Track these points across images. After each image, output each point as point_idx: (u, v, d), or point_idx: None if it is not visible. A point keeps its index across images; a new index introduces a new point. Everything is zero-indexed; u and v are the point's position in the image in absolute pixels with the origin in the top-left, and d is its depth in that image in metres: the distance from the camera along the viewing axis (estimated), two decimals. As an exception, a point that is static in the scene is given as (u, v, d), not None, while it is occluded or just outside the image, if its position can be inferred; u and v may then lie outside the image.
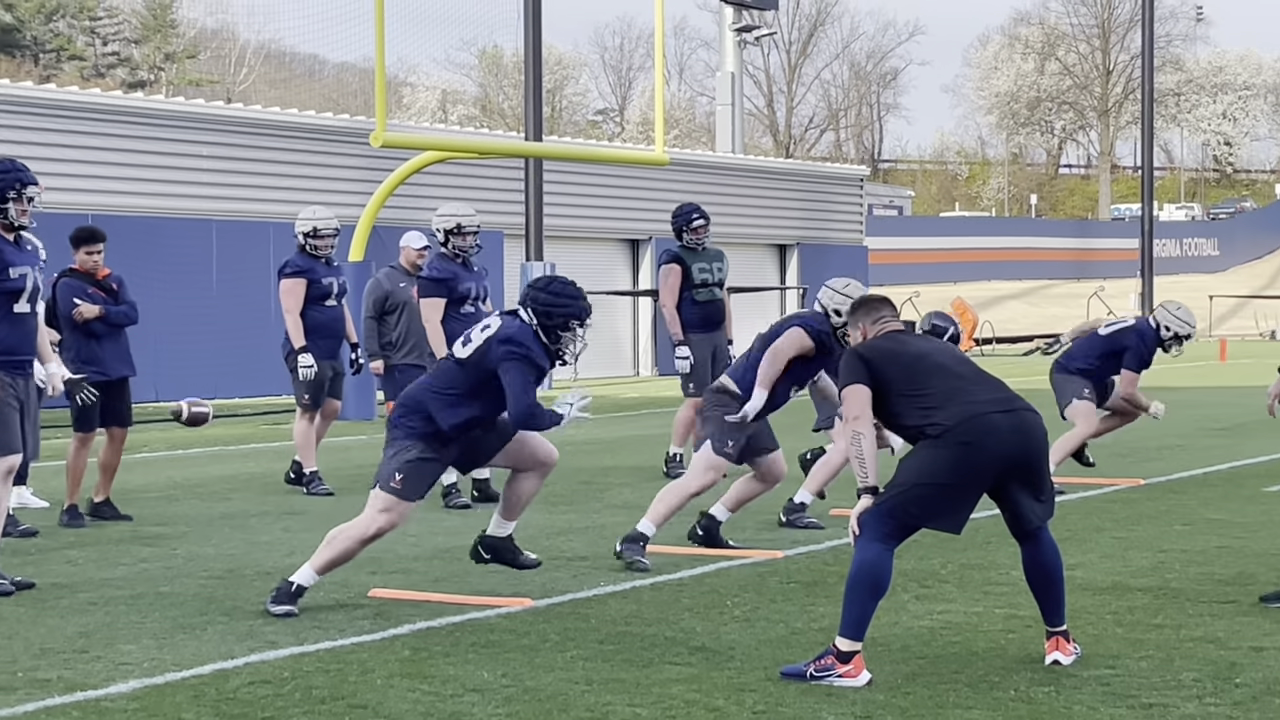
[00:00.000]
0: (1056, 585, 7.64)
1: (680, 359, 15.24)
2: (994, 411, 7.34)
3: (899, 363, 7.51)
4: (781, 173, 44.54)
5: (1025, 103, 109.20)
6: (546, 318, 9.05)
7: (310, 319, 14.40)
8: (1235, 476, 15.16)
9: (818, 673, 7.16)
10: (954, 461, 7.27)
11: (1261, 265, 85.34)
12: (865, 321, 7.83)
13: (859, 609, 7.21)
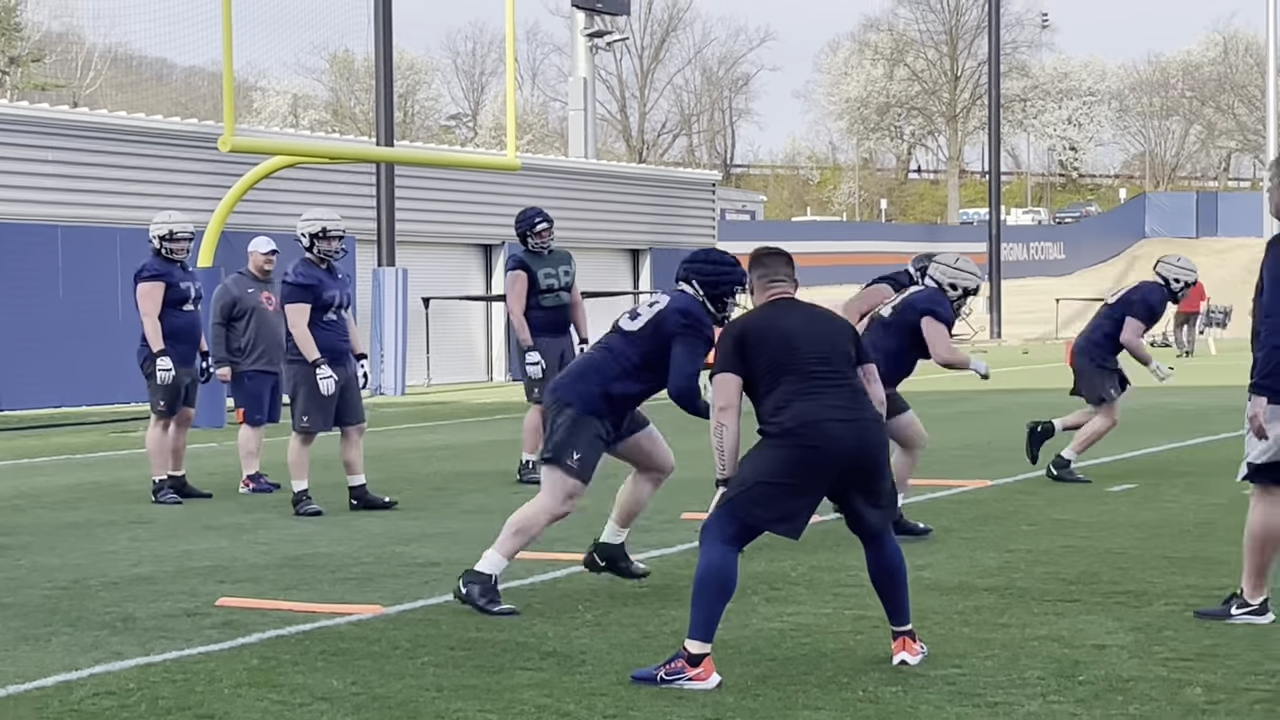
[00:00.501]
0: (900, 586, 7.71)
1: (530, 365, 15.22)
2: (834, 420, 7.38)
3: (768, 346, 7.54)
4: (634, 178, 44.66)
5: (875, 108, 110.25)
6: (713, 288, 9.22)
7: (167, 324, 14.22)
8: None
9: (668, 676, 7.17)
10: (791, 463, 7.34)
11: (1107, 268, 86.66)
12: (755, 277, 7.88)
13: (706, 611, 7.23)
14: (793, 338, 7.58)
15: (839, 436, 7.37)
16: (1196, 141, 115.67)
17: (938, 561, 10.56)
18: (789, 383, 7.46)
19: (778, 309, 7.76)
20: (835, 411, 7.42)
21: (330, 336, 13.54)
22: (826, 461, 7.36)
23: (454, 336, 37.22)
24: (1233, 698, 6.86)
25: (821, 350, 7.59)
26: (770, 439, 7.41)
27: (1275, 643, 7.92)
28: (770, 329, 7.61)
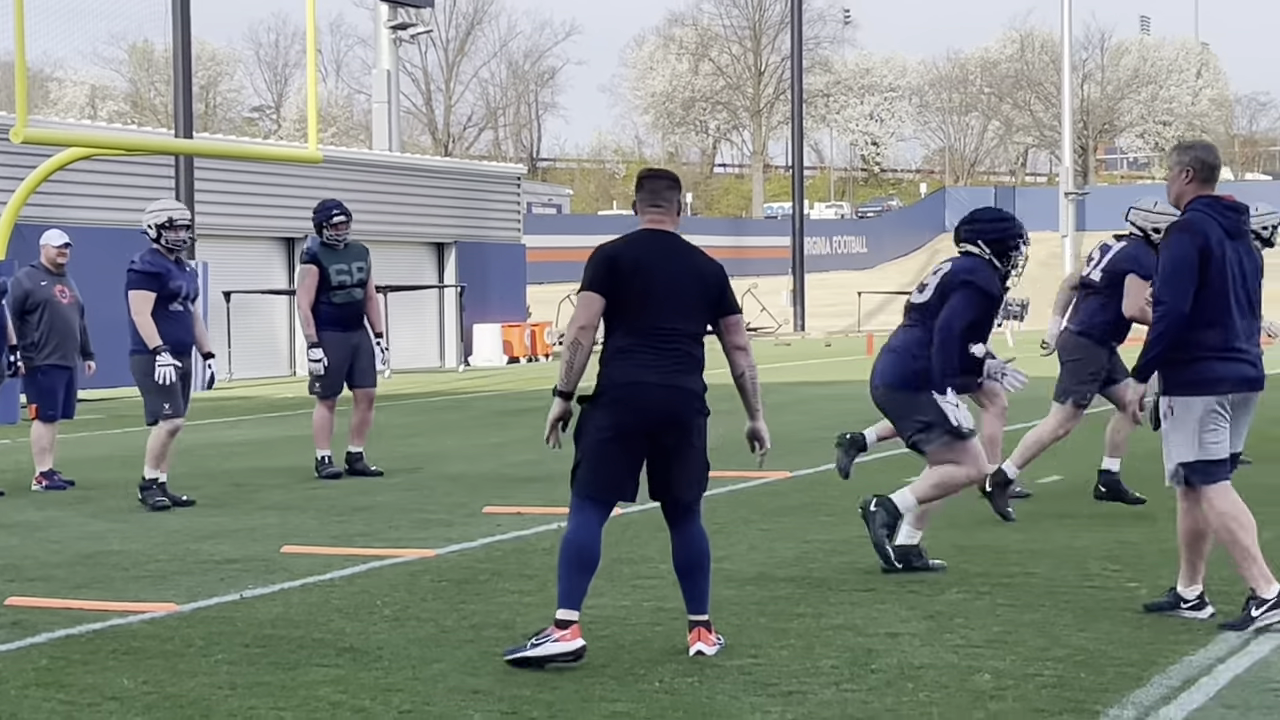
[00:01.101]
0: (702, 575, 7.79)
1: (313, 361, 15.11)
2: (654, 382, 7.52)
3: (629, 285, 7.57)
4: (439, 171, 44.45)
5: (680, 103, 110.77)
6: (999, 244, 9.81)
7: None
8: (878, 468, 15.53)
9: (537, 640, 7.39)
10: (607, 426, 7.51)
11: (908, 262, 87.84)
12: (637, 199, 7.91)
13: (566, 581, 7.46)
14: (651, 283, 7.59)
15: (652, 400, 7.52)
16: (995, 137, 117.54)
17: (737, 553, 10.64)
18: (624, 335, 7.56)
19: (650, 242, 7.75)
20: (654, 374, 7.54)
21: (175, 328, 13.35)
22: (638, 425, 7.51)
23: (256, 330, 36.80)
24: (1020, 683, 6.99)
25: (674, 302, 7.62)
26: (593, 398, 7.55)
27: (1062, 630, 8.08)
28: (637, 266, 7.61)
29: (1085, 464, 15.44)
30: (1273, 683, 6.96)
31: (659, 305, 7.58)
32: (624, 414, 7.51)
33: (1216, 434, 8.11)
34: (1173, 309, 7.96)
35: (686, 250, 7.78)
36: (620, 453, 7.55)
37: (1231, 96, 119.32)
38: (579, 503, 7.60)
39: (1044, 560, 10.13)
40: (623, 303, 7.57)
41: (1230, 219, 8.18)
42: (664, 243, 7.75)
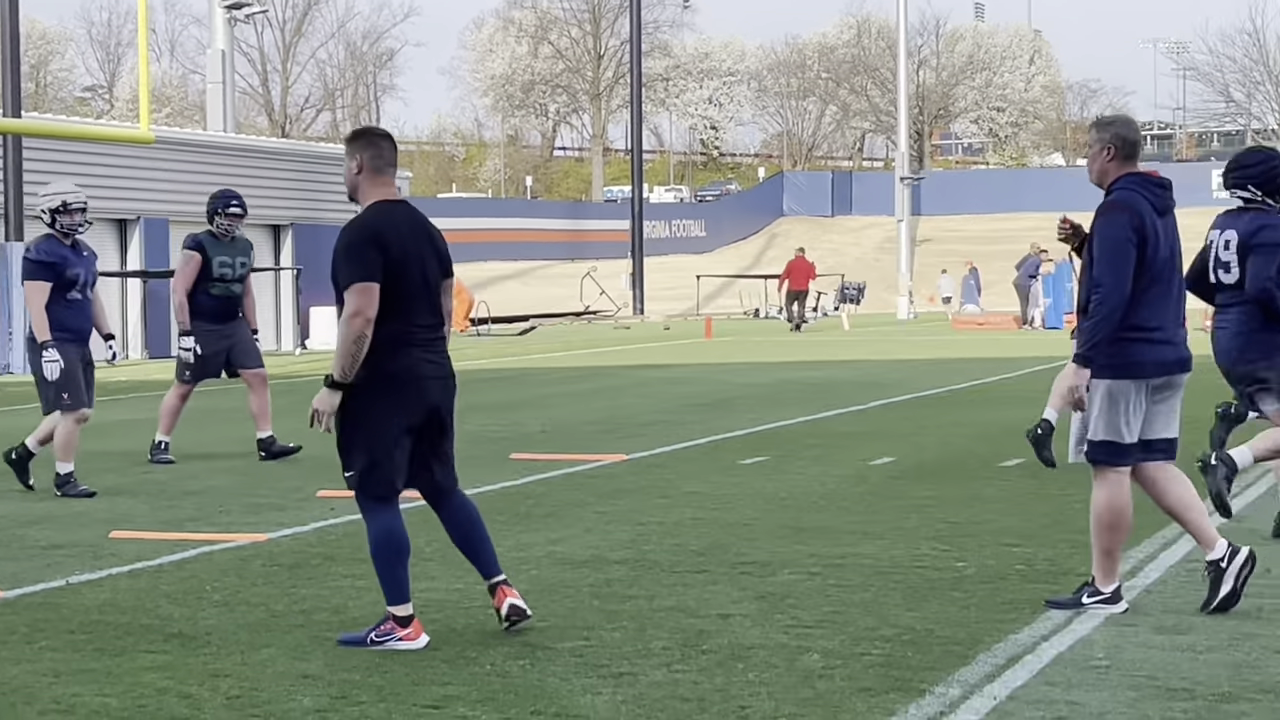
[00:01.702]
0: (484, 535, 7.81)
1: (184, 349, 14.88)
2: (428, 376, 7.50)
3: (393, 266, 7.38)
4: (275, 152, 44.02)
5: (520, 85, 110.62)
6: (1270, 182, 9.67)
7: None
8: (714, 450, 15.66)
9: (379, 637, 7.34)
10: (387, 412, 7.39)
11: (746, 245, 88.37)
12: (367, 159, 7.60)
13: (389, 575, 7.44)
14: (407, 261, 7.44)
15: (428, 389, 7.49)
16: (832, 122, 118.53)
17: (571, 535, 10.65)
18: (395, 320, 7.38)
19: (398, 215, 7.54)
20: (429, 366, 7.50)
21: (73, 316, 13.01)
22: (414, 412, 7.45)
23: (88, 313, 36.23)
24: (848, 663, 7.06)
25: (427, 277, 7.51)
26: (363, 382, 7.34)
27: (891, 610, 8.18)
28: (396, 243, 7.41)
29: (915, 445, 15.65)
30: (1094, 660, 7.09)
31: (415, 286, 7.46)
32: (408, 404, 7.42)
33: (1130, 418, 7.89)
34: (1114, 291, 7.71)
35: (418, 219, 7.64)
36: (407, 443, 7.50)
37: (1063, 83, 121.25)
38: (379, 502, 7.50)
39: (874, 541, 10.24)
40: (391, 287, 7.38)
41: (1159, 196, 7.97)
42: (407, 214, 7.60)
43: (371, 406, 7.39)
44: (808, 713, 6.29)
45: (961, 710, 6.32)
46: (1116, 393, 7.88)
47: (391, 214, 7.52)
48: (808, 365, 29.13)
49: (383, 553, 7.48)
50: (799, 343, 39.11)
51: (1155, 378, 7.92)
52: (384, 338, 7.37)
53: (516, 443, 15.63)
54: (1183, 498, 8.10)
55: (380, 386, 7.38)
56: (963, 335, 42.16)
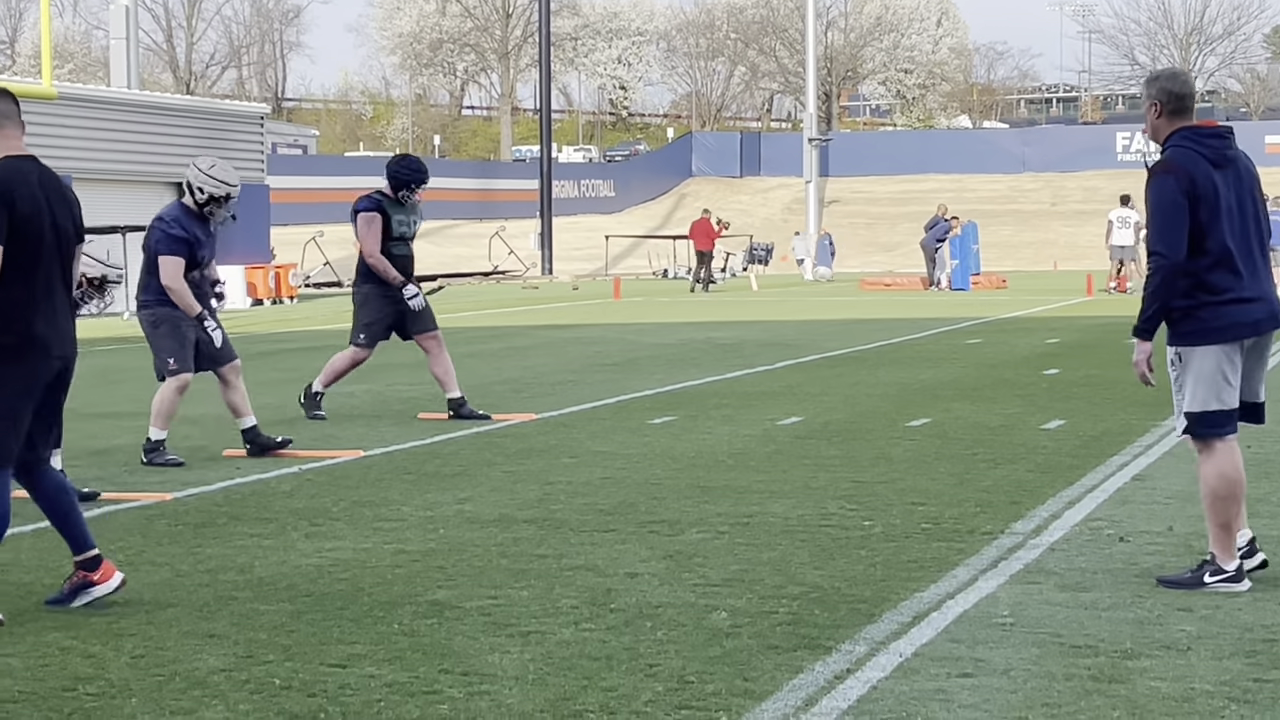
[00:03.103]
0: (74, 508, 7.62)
1: (410, 299, 14.56)
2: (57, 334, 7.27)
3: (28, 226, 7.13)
4: (179, 109, 43.62)
5: (428, 44, 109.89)
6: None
7: None
8: (623, 410, 15.66)
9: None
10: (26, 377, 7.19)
11: (655, 206, 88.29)
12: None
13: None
14: (40, 217, 7.15)
15: (56, 355, 7.28)
16: (741, 83, 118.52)
17: (479, 494, 10.63)
18: (27, 285, 7.11)
19: (28, 169, 7.26)
20: (57, 325, 7.27)
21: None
22: (43, 378, 7.26)
23: None
24: (755, 621, 7.09)
25: (59, 238, 7.26)
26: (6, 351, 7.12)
27: (798, 568, 8.21)
28: (28, 200, 7.14)
29: (823, 405, 15.71)
30: (998, 617, 7.14)
31: (39, 246, 7.18)
32: (38, 370, 7.20)
33: (1226, 383, 7.54)
34: (1168, 259, 7.43)
35: (50, 176, 7.38)
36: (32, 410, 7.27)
37: (971, 46, 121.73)
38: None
39: (782, 500, 10.27)
40: (25, 246, 7.11)
41: (1213, 148, 7.60)
42: (39, 170, 7.32)
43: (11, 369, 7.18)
44: (715, 670, 6.31)
45: (868, 667, 6.36)
46: (1205, 360, 7.55)
47: (19, 168, 7.26)
48: (716, 325, 29.16)
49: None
50: (707, 303, 39.18)
51: (1244, 338, 7.60)
52: (15, 299, 7.13)
53: (424, 403, 15.57)
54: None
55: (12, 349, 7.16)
56: (870, 296, 42.33)
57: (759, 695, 6.00)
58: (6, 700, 5.94)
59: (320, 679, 6.22)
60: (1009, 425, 13.98)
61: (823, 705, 5.89)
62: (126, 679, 6.23)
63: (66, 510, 7.51)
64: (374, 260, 14.61)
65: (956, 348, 23.10)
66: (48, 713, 5.80)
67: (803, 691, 6.05)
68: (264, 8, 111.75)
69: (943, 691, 6.03)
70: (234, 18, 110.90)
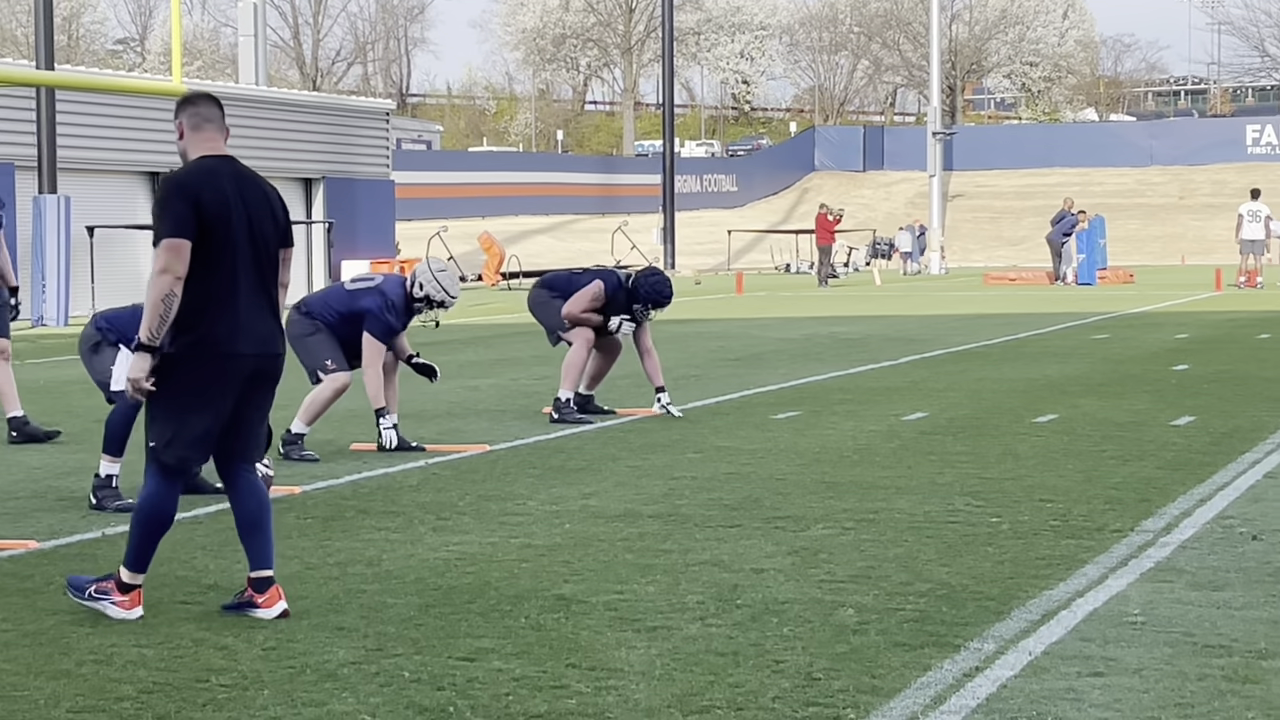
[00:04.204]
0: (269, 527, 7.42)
1: None
2: (254, 335, 7.13)
3: (210, 222, 6.98)
4: (306, 105, 44.03)
5: (551, 39, 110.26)
6: None
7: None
8: (746, 405, 15.64)
9: (97, 594, 7.13)
10: (201, 379, 7.06)
11: (777, 200, 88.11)
12: (185, 118, 7.25)
13: (144, 545, 7.19)
14: (228, 216, 7.05)
15: (247, 354, 7.12)
16: (864, 76, 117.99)
17: (605, 489, 10.65)
18: (212, 284, 7.00)
19: (220, 169, 7.16)
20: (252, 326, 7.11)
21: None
22: (231, 379, 7.11)
23: (119, 266, 36.32)
24: (883, 617, 7.06)
25: (255, 238, 7.14)
26: (182, 352, 7.02)
27: (925, 564, 8.17)
28: (215, 198, 7.02)
29: (948, 401, 15.62)
30: (1128, 616, 7.07)
31: (239, 245, 7.07)
32: (219, 371, 7.08)
33: None
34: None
35: (247, 175, 7.26)
36: (217, 411, 7.14)
37: (1097, 38, 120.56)
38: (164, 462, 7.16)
39: (908, 496, 10.22)
40: (211, 244, 7.00)
41: None
42: (231, 169, 7.20)
43: (183, 369, 7.04)
44: (842, 667, 6.29)
45: (997, 665, 6.31)
46: None
47: (213, 169, 7.16)
48: (840, 320, 29.07)
49: (146, 519, 7.19)
50: (830, 298, 39.04)
51: None
52: (202, 298, 7.02)
53: (548, 397, 15.62)
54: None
55: (193, 350, 7.04)
56: (994, 291, 42.02)
57: (887, 692, 5.98)
58: (143, 691, 6.02)
59: (448, 672, 6.26)
60: (1138, 421, 13.84)
61: (951, 703, 5.85)
62: (258, 670, 6.30)
63: (256, 522, 7.34)
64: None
65: (1083, 343, 22.89)
66: (181, 703, 5.88)
67: (931, 689, 6.02)
68: (389, 4, 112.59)
69: (1073, 690, 5.97)
70: (360, 14, 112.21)
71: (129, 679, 6.18)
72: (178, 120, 7.25)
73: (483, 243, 49.46)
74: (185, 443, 7.11)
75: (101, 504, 9.98)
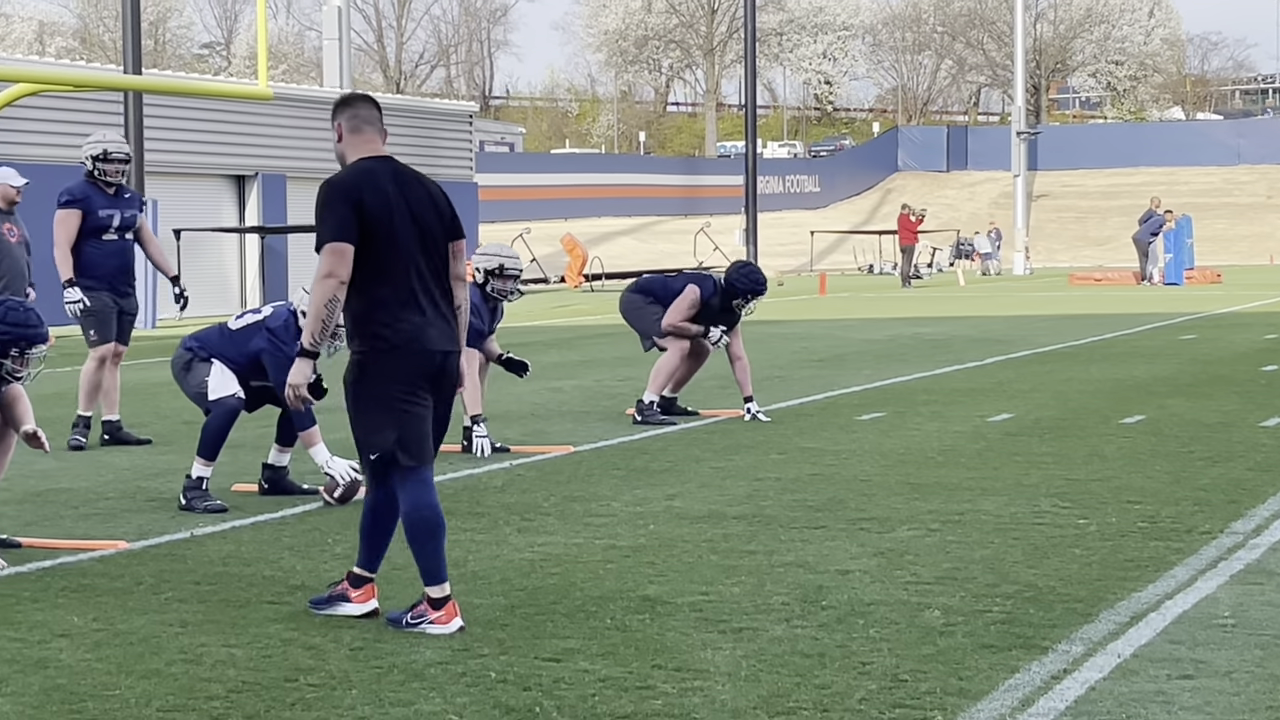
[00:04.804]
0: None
1: None
2: (432, 331, 7.03)
3: (376, 224, 6.93)
4: (390, 109, 44.05)
5: (633, 41, 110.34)
6: None
7: (84, 254, 13.27)
8: (830, 406, 15.61)
9: (413, 620, 6.97)
10: (399, 379, 6.96)
11: (860, 201, 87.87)
12: (344, 120, 7.23)
13: (435, 556, 7.00)
14: (391, 216, 6.96)
15: (435, 349, 7.01)
16: (947, 76, 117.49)
17: (689, 490, 10.65)
18: (386, 285, 6.94)
19: (379, 169, 7.08)
20: (430, 325, 7.00)
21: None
22: (425, 376, 7.00)
23: (207, 269, 36.62)
24: (969, 620, 7.02)
25: (422, 236, 7.04)
26: (376, 356, 6.96)
27: (1012, 567, 8.12)
28: (377, 199, 6.95)
29: (1034, 402, 15.54)
30: (1218, 619, 7.01)
31: (405, 244, 6.97)
32: (414, 367, 6.96)
33: None
34: None
35: (408, 174, 7.16)
36: (426, 405, 7.03)
37: (1184, 36, 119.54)
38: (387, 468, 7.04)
39: (994, 497, 10.17)
40: (377, 246, 6.92)
41: None
42: (391, 168, 7.11)
43: (380, 369, 6.97)
44: (929, 669, 6.26)
45: (1085, 668, 6.27)
46: None
47: (368, 170, 7.08)
48: (924, 321, 28.96)
49: (422, 526, 7.00)
50: (914, 299, 38.90)
51: None
52: (374, 298, 6.96)
53: (632, 399, 15.62)
54: None
55: (385, 350, 6.96)
56: (1080, 291, 41.76)
57: (974, 695, 5.94)
58: (232, 690, 6.07)
59: (534, 672, 6.28)
60: (1226, 422, 13.72)
61: (1039, 706, 5.81)
62: (346, 670, 6.34)
63: (385, 527, 7.27)
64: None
65: (1170, 343, 22.71)
66: (270, 703, 5.91)
67: (1019, 692, 5.98)
68: (472, 7, 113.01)
69: (1163, 694, 5.93)
70: (443, 17, 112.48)
71: (218, 678, 6.23)
72: (336, 123, 7.21)
73: (566, 245, 49.52)
74: (412, 440, 6.98)
75: (191, 505, 10.06)
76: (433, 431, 7.12)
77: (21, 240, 15.16)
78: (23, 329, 8.48)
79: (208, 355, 10.55)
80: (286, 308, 10.52)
